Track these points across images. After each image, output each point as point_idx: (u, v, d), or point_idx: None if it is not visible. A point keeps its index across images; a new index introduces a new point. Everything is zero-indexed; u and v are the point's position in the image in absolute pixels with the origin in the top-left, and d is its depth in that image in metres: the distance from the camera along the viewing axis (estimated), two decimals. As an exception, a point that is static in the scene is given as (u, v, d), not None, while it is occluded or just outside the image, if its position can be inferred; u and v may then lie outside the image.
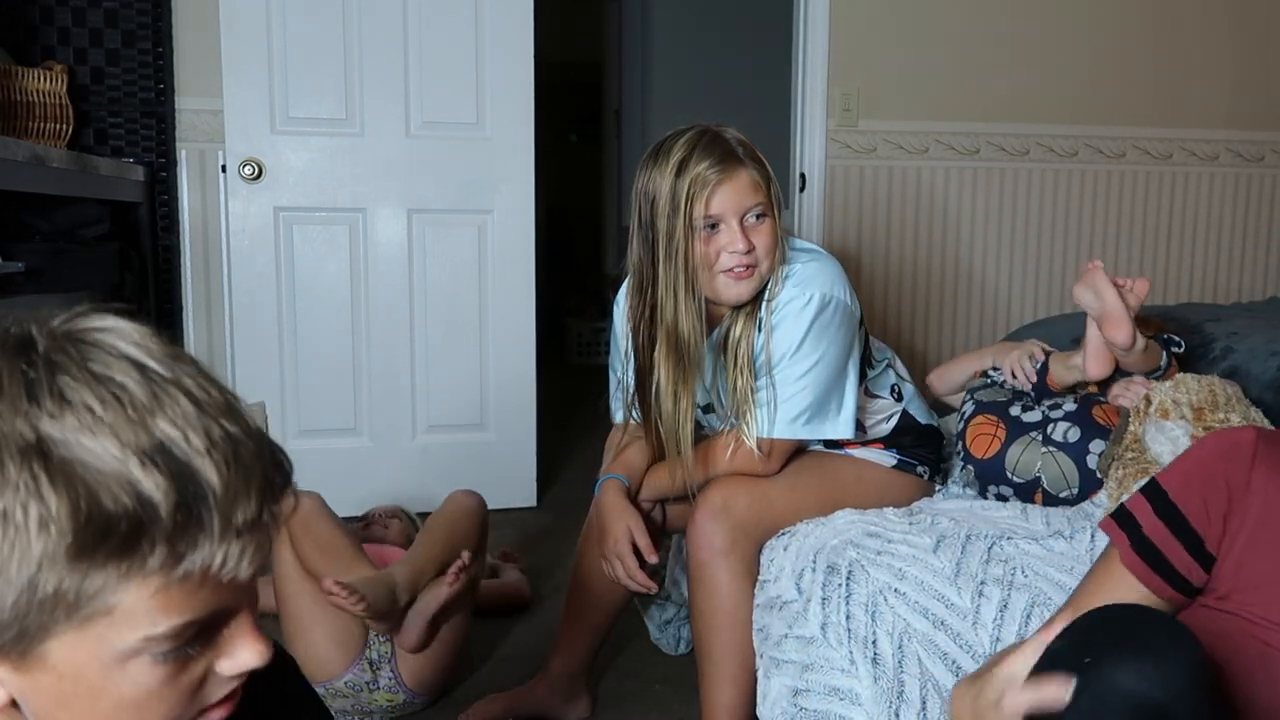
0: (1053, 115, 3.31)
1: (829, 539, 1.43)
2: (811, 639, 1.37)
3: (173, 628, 0.53)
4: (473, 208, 2.90)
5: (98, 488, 0.50)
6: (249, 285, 2.79)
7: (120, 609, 0.52)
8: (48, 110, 2.51)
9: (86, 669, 0.54)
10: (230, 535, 0.53)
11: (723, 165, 1.46)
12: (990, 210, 3.35)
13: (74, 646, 0.53)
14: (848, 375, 1.53)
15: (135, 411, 0.51)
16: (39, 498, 0.49)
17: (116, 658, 0.53)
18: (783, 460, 1.56)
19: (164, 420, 0.52)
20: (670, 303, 1.49)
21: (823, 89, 3.15)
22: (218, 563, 0.53)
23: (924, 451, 1.70)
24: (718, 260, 1.47)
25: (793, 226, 3.22)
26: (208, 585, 0.54)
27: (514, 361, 2.97)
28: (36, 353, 0.52)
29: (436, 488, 2.15)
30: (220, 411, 0.55)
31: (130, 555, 0.51)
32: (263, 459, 0.56)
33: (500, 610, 2.19)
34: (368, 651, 1.72)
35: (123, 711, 0.55)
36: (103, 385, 0.52)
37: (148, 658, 0.54)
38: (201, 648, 0.57)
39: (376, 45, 2.78)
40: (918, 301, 3.33)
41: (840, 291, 1.51)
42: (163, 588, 0.52)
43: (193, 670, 0.57)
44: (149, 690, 0.55)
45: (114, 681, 0.54)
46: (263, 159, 2.75)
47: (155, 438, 0.51)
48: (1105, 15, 3.31)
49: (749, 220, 1.47)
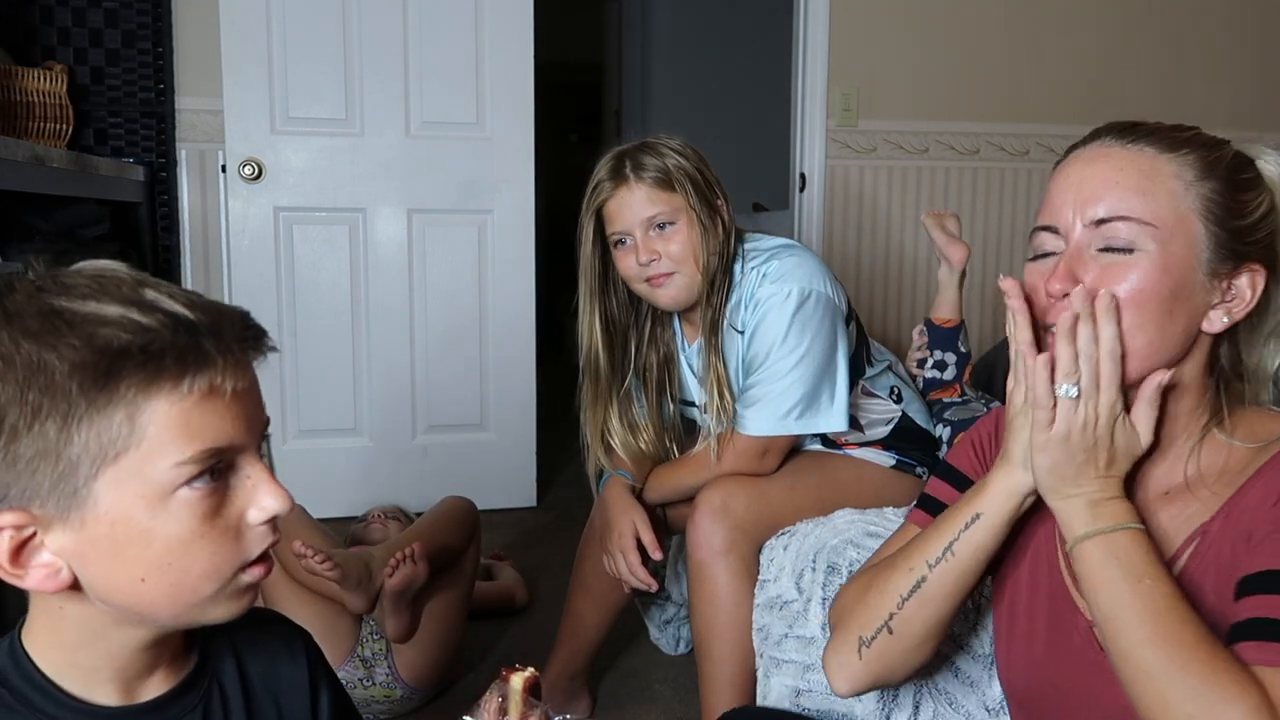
0: (1053, 115, 3.31)
1: (829, 539, 1.43)
2: (812, 639, 1.37)
3: (197, 451, 0.62)
4: (473, 208, 2.90)
5: (108, 330, 0.60)
6: (249, 285, 2.79)
7: (148, 438, 0.61)
8: (48, 110, 2.51)
9: (133, 510, 0.62)
10: (224, 354, 0.63)
11: (614, 181, 1.54)
12: (990, 210, 3.35)
13: (119, 487, 0.61)
14: (837, 366, 1.54)
15: (126, 287, 0.63)
16: (63, 341, 0.59)
17: (157, 492, 0.62)
18: (780, 458, 1.56)
19: (149, 289, 0.64)
20: (585, 324, 1.64)
21: (823, 89, 3.15)
22: (219, 379, 0.63)
23: (922, 453, 1.70)
24: (635, 273, 1.54)
25: (793, 226, 3.22)
26: (216, 408, 0.63)
27: (514, 361, 2.97)
28: (39, 273, 0.64)
29: (436, 488, 2.15)
30: (192, 291, 0.67)
31: (145, 373, 0.60)
32: (234, 310, 0.67)
33: (497, 611, 2.19)
34: (359, 649, 1.73)
35: (173, 554, 0.63)
36: (97, 277, 0.64)
37: (185, 491, 0.62)
38: (228, 485, 0.65)
39: (376, 45, 2.78)
40: (917, 301, 3.33)
41: (820, 284, 1.52)
42: (178, 409, 0.61)
43: (228, 513, 0.65)
44: (193, 530, 0.63)
45: (160, 520, 0.62)
46: (263, 159, 2.75)
47: (146, 299, 0.63)
48: (1105, 15, 3.32)
49: (652, 232, 1.52)
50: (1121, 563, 0.79)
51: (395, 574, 1.66)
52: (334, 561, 1.60)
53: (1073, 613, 0.89)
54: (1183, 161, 0.83)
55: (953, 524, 0.91)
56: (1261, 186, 0.85)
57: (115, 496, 0.61)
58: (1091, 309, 0.80)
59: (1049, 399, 0.81)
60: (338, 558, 1.62)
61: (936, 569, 0.91)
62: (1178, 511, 0.86)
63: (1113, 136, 0.86)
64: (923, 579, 0.91)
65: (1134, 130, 0.85)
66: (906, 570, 0.93)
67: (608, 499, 1.60)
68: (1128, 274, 0.81)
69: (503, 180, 2.91)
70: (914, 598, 0.92)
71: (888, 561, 0.97)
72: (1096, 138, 0.87)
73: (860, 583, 0.99)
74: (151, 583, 0.64)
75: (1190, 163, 0.83)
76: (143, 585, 0.64)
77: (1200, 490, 0.85)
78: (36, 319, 0.59)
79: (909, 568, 0.93)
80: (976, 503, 0.89)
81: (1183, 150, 0.83)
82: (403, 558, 1.67)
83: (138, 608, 0.65)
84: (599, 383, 1.66)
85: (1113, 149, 0.85)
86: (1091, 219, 0.83)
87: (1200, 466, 0.86)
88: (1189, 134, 0.85)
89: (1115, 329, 0.80)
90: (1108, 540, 0.80)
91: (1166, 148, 0.83)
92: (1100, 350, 0.80)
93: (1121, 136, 0.85)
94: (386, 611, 1.70)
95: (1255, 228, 0.83)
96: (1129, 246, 0.81)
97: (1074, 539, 0.82)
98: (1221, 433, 0.86)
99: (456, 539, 1.86)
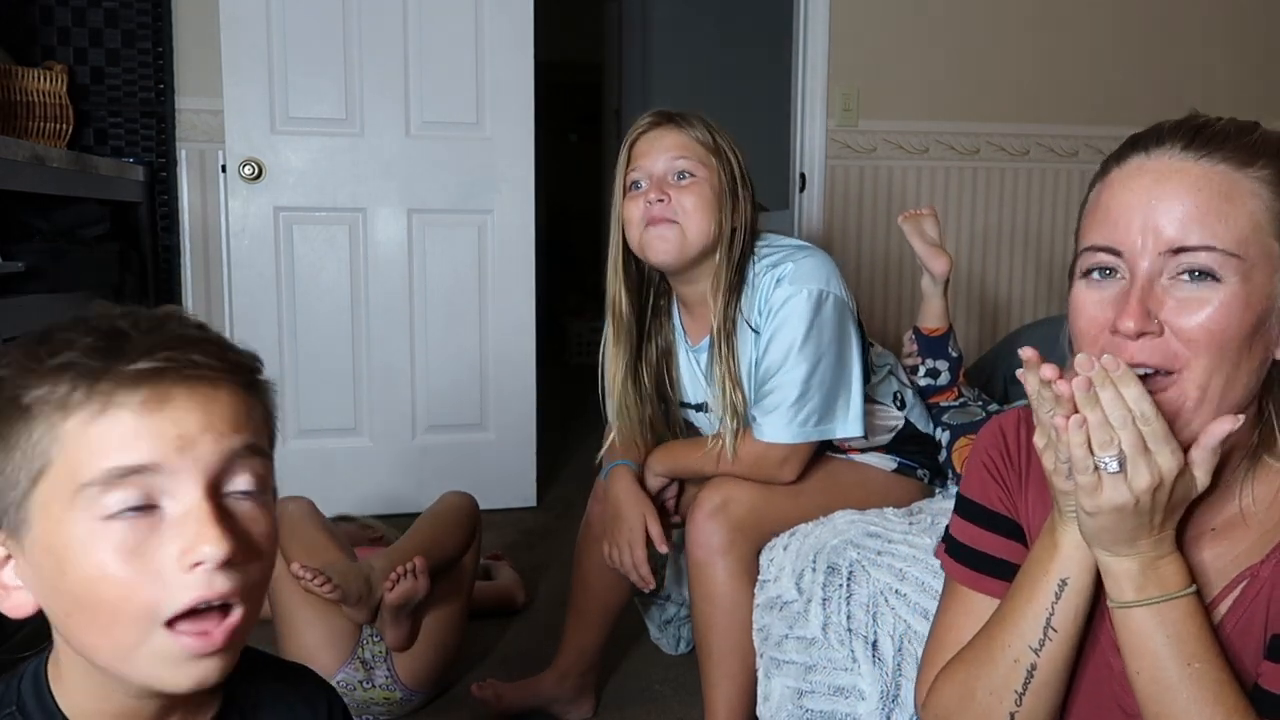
0: (1053, 115, 3.31)
1: (829, 539, 1.43)
2: (813, 640, 1.37)
3: (103, 471, 0.57)
4: (473, 208, 2.90)
5: (44, 348, 0.59)
6: (249, 285, 2.79)
7: (64, 455, 0.58)
8: (48, 110, 2.51)
9: (53, 534, 0.58)
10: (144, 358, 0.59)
11: (652, 119, 1.54)
12: (990, 210, 3.34)
13: (44, 508, 0.58)
14: (853, 372, 1.52)
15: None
16: (4, 362, 0.58)
17: (71, 515, 0.58)
18: (799, 467, 1.53)
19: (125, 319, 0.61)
20: (607, 270, 1.58)
21: (823, 89, 3.15)
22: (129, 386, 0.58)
23: (924, 456, 1.70)
24: (638, 215, 1.51)
25: (793, 226, 3.22)
26: (133, 427, 0.58)
27: (514, 361, 2.97)
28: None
29: (436, 487, 2.14)
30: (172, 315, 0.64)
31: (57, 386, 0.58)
32: (197, 341, 0.62)
33: (495, 611, 2.19)
34: (360, 651, 1.73)
35: (87, 586, 0.58)
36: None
37: (96, 522, 0.57)
38: (148, 519, 0.59)
39: (376, 45, 2.78)
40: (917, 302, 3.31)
41: (835, 286, 1.51)
42: (89, 424, 0.58)
43: (147, 550, 0.58)
44: (104, 563, 0.57)
45: (73, 549, 0.58)
46: (263, 159, 2.75)
47: (102, 325, 0.60)
48: (1106, 15, 3.31)
49: (671, 179, 1.51)
50: (1171, 639, 0.73)
51: (396, 589, 1.64)
52: (334, 583, 1.58)
53: (1111, 654, 0.83)
54: (1260, 177, 0.74)
55: (1040, 595, 0.81)
56: None
57: (42, 517, 0.59)
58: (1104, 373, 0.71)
59: (1088, 466, 0.72)
60: (337, 576, 1.59)
61: (1044, 653, 0.81)
62: (1225, 550, 0.80)
63: (1181, 146, 0.76)
64: (1033, 667, 0.82)
65: (1204, 137, 0.76)
66: (1010, 661, 0.82)
67: (617, 490, 1.59)
68: (1207, 309, 0.72)
69: (503, 180, 2.90)
70: (1030, 691, 0.82)
71: (980, 651, 0.86)
72: (1160, 143, 0.77)
73: (957, 680, 0.87)
74: (74, 619, 0.60)
75: (1267, 178, 0.74)
76: (69, 620, 0.60)
77: (1252, 524, 0.79)
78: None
79: (1012, 658, 0.82)
80: (1055, 568, 0.80)
81: (1259, 162, 0.75)
82: (404, 572, 1.66)
83: (76, 646, 0.62)
84: (620, 324, 1.61)
85: (1186, 164, 0.75)
86: (1167, 247, 0.73)
87: (1254, 497, 0.78)
88: (1258, 137, 0.76)
89: (1139, 388, 0.71)
90: (1157, 612, 0.74)
91: (1242, 161, 0.74)
92: (1133, 413, 0.71)
93: (1192, 147, 0.75)
94: (386, 622, 1.68)
95: None
96: (1211, 276, 0.72)
97: (1121, 603, 0.76)
98: (1273, 458, 0.79)
99: (458, 542, 1.85)
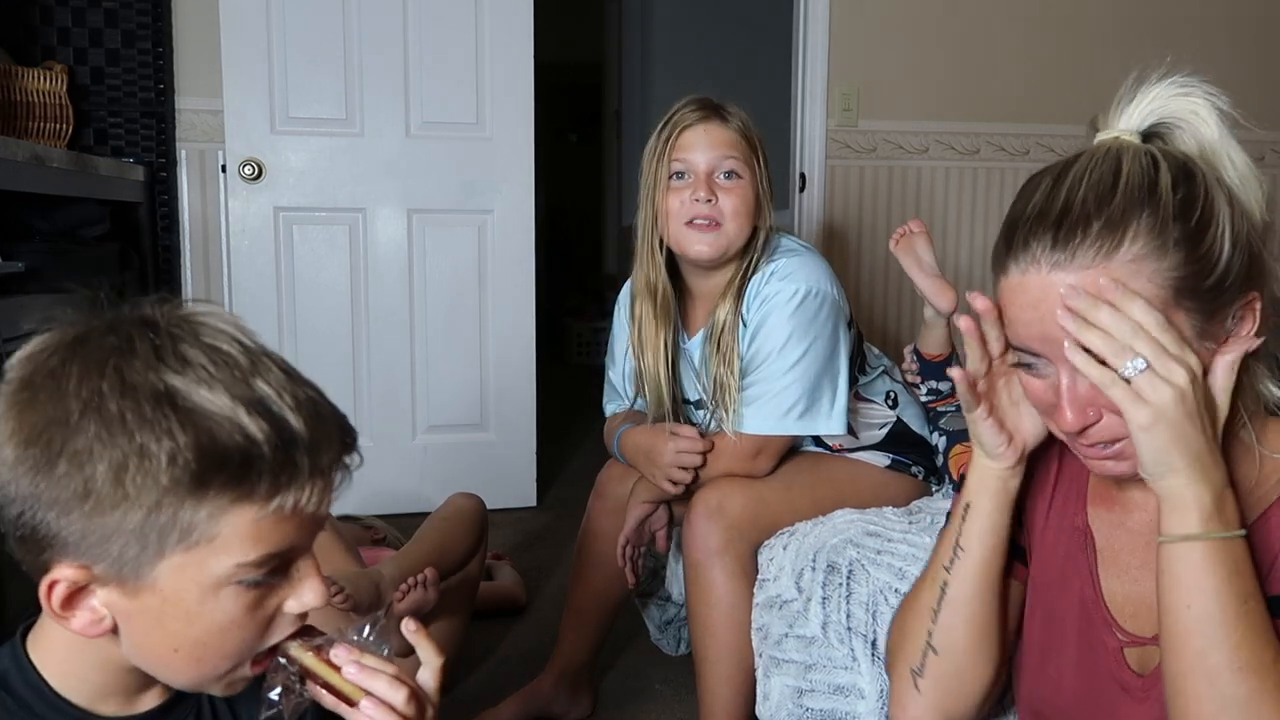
0: (1053, 115, 3.31)
1: (828, 538, 1.43)
2: (813, 639, 1.37)
3: (261, 556, 0.64)
4: (473, 208, 2.90)
5: (215, 428, 0.61)
6: (249, 285, 2.79)
7: (221, 537, 0.63)
8: (48, 110, 2.51)
9: (186, 593, 0.64)
10: (316, 476, 0.65)
11: (701, 112, 1.52)
12: (990, 210, 3.34)
13: (179, 571, 0.63)
14: (839, 370, 1.53)
15: (239, 372, 0.63)
16: (169, 434, 0.60)
17: (213, 583, 0.64)
18: (774, 460, 1.55)
19: (261, 381, 0.64)
20: (643, 252, 1.57)
21: (823, 89, 3.15)
22: (304, 499, 0.65)
23: (918, 455, 1.70)
24: (681, 210, 1.51)
25: (793, 226, 3.22)
26: (292, 521, 0.65)
27: (514, 361, 2.97)
28: (159, 327, 0.64)
29: (436, 488, 2.15)
30: (302, 380, 0.68)
31: (239, 486, 0.62)
32: (337, 418, 0.68)
33: (496, 611, 2.19)
34: None
35: (210, 636, 0.66)
36: (213, 352, 0.64)
37: (236, 586, 0.65)
38: (278, 581, 0.67)
39: (376, 45, 2.78)
40: (917, 302, 3.31)
41: (827, 285, 1.52)
42: (258, 519, 0.63)
43: (268, 605, 0.68)
44: (233, 619, 0.66)
45: (208, 607, 0.65)
46: (263, 159, 2.75)
47: (256, 394, 0.63)
48: (1106, 15, 3.31)
49: (719, 178, 1.51)
50: (1231, 576, 0.71)
51: (405, 599, 1.63)
52: (346, 593, 1.57)
53: (1104, 632, 0.85)
54: (1134, 254, 0.72)
55: (952, 522, 0.90)
56: (1209, 205, 0.74)
57: (174, 578, 0.63)
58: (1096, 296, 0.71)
59: (1112, 380, 0.70)
60: (349, 586, 1.58)
61: (954, 570, 0.88)
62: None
63: (1049, 245, 0.73)
64: (945, 584, 0.88)
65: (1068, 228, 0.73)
66: (930, 583, 0.91)
67: (648, 442, 1.58)
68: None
69: (503, 180, 2.91)
70: (944, 607, 0.88)
71: (915, 586, 0.95)
72: (1027, 248, 0.75)
73: (897, 616, 0.96)
74: (182, 655, 0.66)
75: (1140, 248, 0.72)
76: (174, 655, 0.66)
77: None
78: (150, 401, 0.60)
79: (931, 579, 0.91)
80: (963, 497, 0.89)
81: (1130, 230, 0.72)
82: (415, 583, 1.65)
83: (158, 670, 0.69)
84: (659, 304, 1.58)
85: (1057, 275, 0.73)
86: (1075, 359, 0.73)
87: (1234, 476, 0.76)
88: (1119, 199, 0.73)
89: (1140, 302, 0.71)
90: (1223, 546, 0.71)
91: (1113, 242, 0.72)
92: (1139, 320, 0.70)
93: (1058, 246, 0.73)
94: (390, 628, 1.68)
95: (1226, 270, 0.73)
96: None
97: (1183, 534, 0.72)
98: (1248, 435, 0.78)
99: (466, 547, 1.83)
